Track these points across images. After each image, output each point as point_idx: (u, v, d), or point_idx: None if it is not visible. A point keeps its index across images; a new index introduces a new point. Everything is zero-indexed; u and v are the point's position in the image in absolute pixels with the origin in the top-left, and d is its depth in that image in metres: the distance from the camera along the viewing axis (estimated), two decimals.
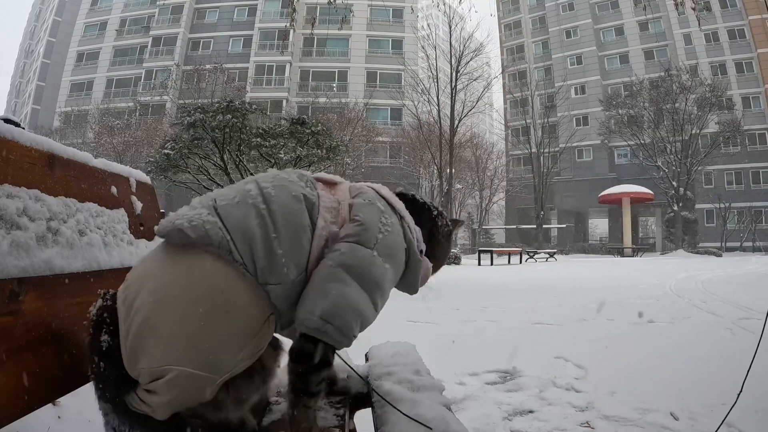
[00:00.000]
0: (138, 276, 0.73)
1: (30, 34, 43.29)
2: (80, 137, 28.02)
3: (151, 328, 0.67)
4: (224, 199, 0.77)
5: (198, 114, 7.12)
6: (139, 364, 0.67)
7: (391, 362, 1.09)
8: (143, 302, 0.69)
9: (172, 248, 0.74)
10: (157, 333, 0.67)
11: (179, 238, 0.72)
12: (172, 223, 0.74)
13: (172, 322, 0.68)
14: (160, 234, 0.75)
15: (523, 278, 8.72)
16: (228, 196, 0.78)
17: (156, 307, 0.68)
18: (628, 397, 2.00)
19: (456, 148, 23.27)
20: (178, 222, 0.73)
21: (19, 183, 0.69)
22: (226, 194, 0.79)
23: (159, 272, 0.72)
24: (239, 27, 33.07)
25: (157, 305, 0.68)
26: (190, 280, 0.70)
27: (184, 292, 0.69)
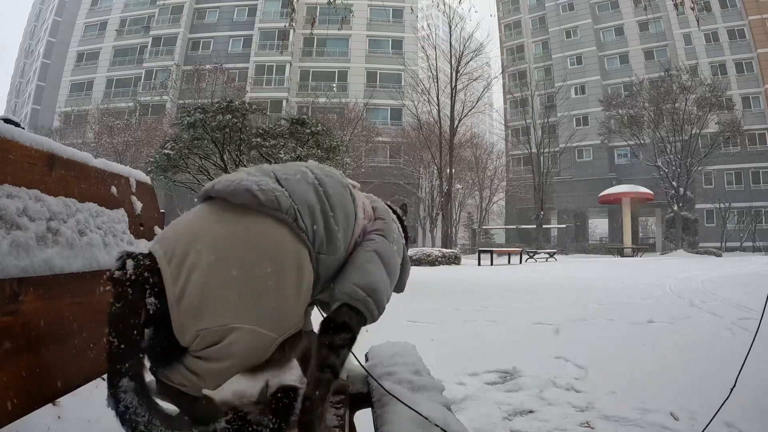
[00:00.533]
0: (184, 233, 0.71)
1: (30, 34, 43.28)
2: (80, 137, 28.02)
3: (215, 286, 0.66)
4: (284, 173, 0.80)
5: (198, 114, 7.12)
6: (199, 325, 0.65)
7: (391, 362, 1.09)
8: (201, 260, 0.67)
9: (227, 208, 0.73)
10: (222, 292, 0.67)
11: (245, 199, 0.72)
12: (238, 183, 0.74)
13: (239, 281, 0.68)
14: (222, 192, 0.74)
15: (523, 278, 8.72)
16: (287, 172, 0.81)
17: (220, 265, 0.67)
18: (628, 397, 2.00)
19: (456, 148, 23.28)
20: (245, 183, 0.73)
21: (19, 183, 0.69)
22: (285, 170, 0.81)
23: (217, 230, 0.71)
24: (239, 27, 33.07)
25: (222, 263, 0.68)
26: (258, 241, 0.71)
27: (251, 251, 0.70)
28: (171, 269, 0.67)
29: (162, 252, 0.69)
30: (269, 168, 0.81)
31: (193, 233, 0.71)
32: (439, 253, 13.38)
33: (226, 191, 0.73)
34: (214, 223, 0.72)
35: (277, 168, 0.81)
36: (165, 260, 0.68)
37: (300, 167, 0.84)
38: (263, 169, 0.80)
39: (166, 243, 0.70)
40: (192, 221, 0.74)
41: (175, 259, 0.67)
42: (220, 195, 0.74)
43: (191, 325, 0.66)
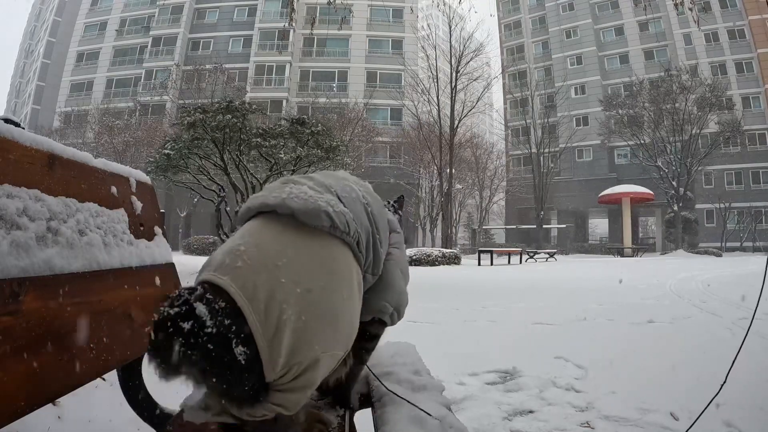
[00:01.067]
0: (259, 262, 0.64)
1: (30, 34, 43.32)
2: (80, 137, 28.06)
3: (306, 321, 0.64)
4: (343, 191, 0.78)
5: (198, 114, 7.12)
6: (291, 361, 0.62)
7: (391, 362, 1.09)
8: (290, 295, 0.63)
9: (295, 227, 0.69)
10: (313, 325, 0.64)
11: (320, 222, 0.70)
12: (314, 202, 0.70)
13: (325, 310, 0.66)
14: (297, 212, 0.69)
15: (523, 278, 8.72)
16: (345, 190, 0.79)
17: (307, 297, 0.65)
18: (628, 397, 2.00)
19: (456, 148, 23.28)
20: (322, 204, 0.71)
21: (19, 183, 0.69)
22: (341, 187, 0.80)
23: (295, 256, 0.67)
24: (239, 27, 33.08)
25: (308, 295, 0.65)
26: (334, 266, 0.70)
27: (331, 279, 0.68)
28: (255, 307, 0.60)
29: (238, 287, 0.61)
30: (327, 182, 0.78)
31: (271, 262, 0.64)
32: (439, 253, 13.38)
33: (302, 210, 0.69)
34: (290, 248, 0.67)
35: (332, 183, 0.79)
36: (245, 298, 0.61)
37: (348, 183, 0.83)
38: (324, 184, 0.77)
39: (239, 275, 0.62)
40: (262, 246, 0.67)
41: (259, 295, 0.61)
42: (292, 213, 0.70)
43: (282, 362, 0.62)
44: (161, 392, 1.14)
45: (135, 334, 0.92)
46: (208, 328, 0.57)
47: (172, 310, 0.58)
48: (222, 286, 0.61)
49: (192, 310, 0.58)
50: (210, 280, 0.63)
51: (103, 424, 1.46)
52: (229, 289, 0.61)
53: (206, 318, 0.57)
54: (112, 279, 0.88)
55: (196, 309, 0.58)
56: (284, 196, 0.71)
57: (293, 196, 0.71)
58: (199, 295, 0.59)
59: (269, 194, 0.73)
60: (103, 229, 0.88)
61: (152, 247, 1.07)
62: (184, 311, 0.58)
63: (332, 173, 0.85)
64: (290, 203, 0.70)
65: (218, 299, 0.60)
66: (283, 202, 0.70)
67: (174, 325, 0.57)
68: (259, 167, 8.28)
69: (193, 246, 19.23)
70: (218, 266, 0.64)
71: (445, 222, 22.03)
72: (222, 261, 0.65)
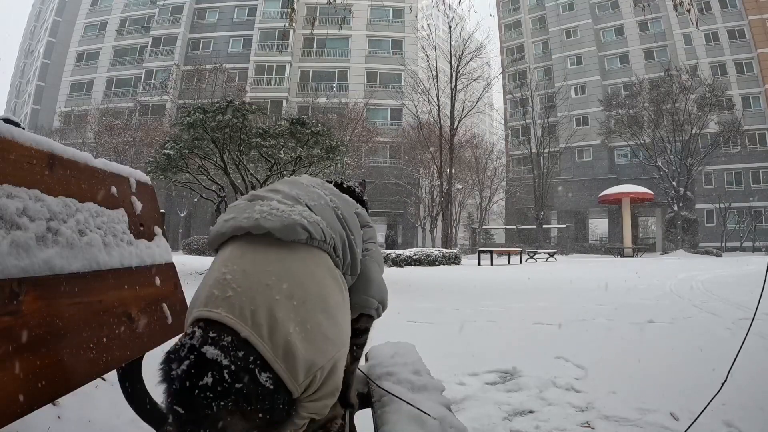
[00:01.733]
0: (250, 285, 0.64)
1: (30, 34, 43.31)
2: (80, 137, 28.06)
3: (312, 327, 0.65)
4: (311, 199, 0.80)
5: (198, 114, 7.11)
6: (315, 367, 0.63)
7: (391, 362, 1.09)
8: (289, 311, 0.63)
9: (275, 245, 0.69)
10: (318, 331, 0.65)
11: (298, 236, 0.70)
12: (288, 217, 0.71)
13: (325, 315, 0.67)
14: (275, 231, 0.69)
15: (523, 278, 8.72)
16: (312, 197, 0.80)
17: (306, 307, 0.66)
18: (628, 397, 2.00)
19: (456, 148, 23.29)
20: (296, 218, 0.71)
21: (19, 183, 0.69)
22: (309, 195, 0.81)
23: (283, 272, 0.67)
24: (239, 27, 33.08)
25: (306, 305, 0.66)
26: (320, 272, 0.71)
27: (320, 286, 0.70)
28: (259, 331, 0.60)
29: (236, 316, 0.60)
30: (294, 193, 0.79)
31: (261, 284, 0.64)
32: (439, 253, 13.38)
33: (277, 228, 0.69)
34: (275, 266, 0.67)
35: (300, 193, 0.79)
36: (247, 326, 0.60)
37: (316, 190, 0.84)
38: (291, 196, 0.77)
39: (232, 304, 0.62)
40: (248, 270, 0.66)
41: (259, 319, 0.61)
42: (267, 232, 0.69)
43: (303, 374, 0.63)
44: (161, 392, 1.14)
45: (135, 334, 0.92)
46: (227, 369, 0.55)
47: (184, 366, 0.55)
48: (219, 321, 0.60)
49: (204, 358, 0.56)
50: (205, 317, 0.61)
51: (103, 424, 1.46)
52: (226, 320, 0.59)
53: (221, 359, 0.56)
54: (112, 279, 0.88)
55: (207, 354, 0.56)
56: (257, 216, 0.70)
57: (265, 214, 0.71)
58: (202, 338, 0.58)
59: (239, 216, 0.72)
60: (103, 229, 0.88)
61: (152, 247, 1.07)
62: (196, 362, 0.56)
63: (296, 180, 0.86)
64: (264, 223, 0.69)
65: (222, 335, 0.58)
66: (257, 222, 0.70)
67: (194, 382, 0.54)
68: (259, 167, 8.28)
69: (193, 246, 19.24)
70: (207, 300, 0.63)
71: (445, 222, 22.04)
72: (210, 294, 0.63)
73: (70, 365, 0.73)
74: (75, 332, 0.75)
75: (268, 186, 0.85)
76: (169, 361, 0.58)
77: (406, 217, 29.29)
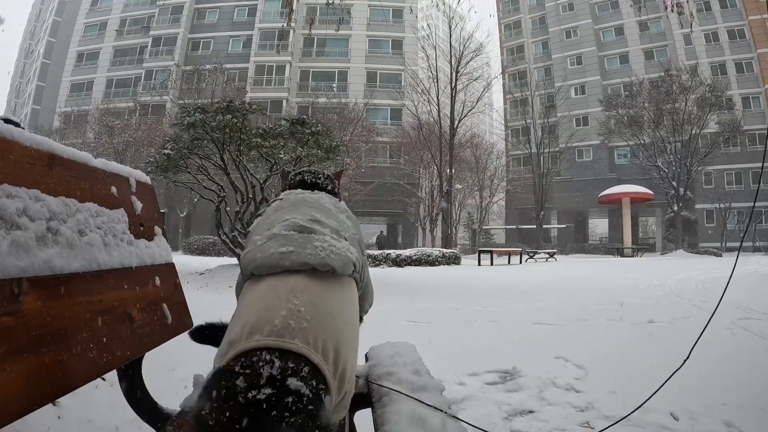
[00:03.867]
0: (320, 319, 0.72)
1: (30, 34, 43.30)
2: (80, 137, 28.03)
3: (353, 350, 0.76)
4: (345, 230, 0.93)
5: (198, 114, 7.10)
6: (348, 386, 0.73)
7: (391, 362, 1.09)
8: (344, 334, 0.74)
9: (330, 280, 0.81)
10: (356, 351, 0.79)
11: (349, 270, 0.84)
12: (346, 256, 0.84)
13: (356, 337, 0.81)
14: (339, 268, 0.82)
15: (523, 278, 8.72)
16: (344, 227, 0.94)
17: (351, 332, 0.78)
18: (628, 397, 2.00)
19: (456, 148, 23.28)
20: (351, 256, 0.85)
21: (19, 183, 0.69)
22: (341, 226, 0.94)
23: (339, 303, 0.79)
24: (239, 27, 33.07)
25: (351, 329, 0.78)
26: (354, 302, 0.87)
27: (356, 313, 0.85)
28: (326, 358, 0.68)
29: (311, 347, 0.68)
30: (333, 224, 0.92)
31: (327, 315, 0.74)
32: (439, 253, 13.38)
33: (339, 267, 0.82)
34: (335, 298, 0.79)
35: (338, 226, 0.93)
36: (319, 355, 0.67)
37: (342, 219, 0.97)
38: (335, 230, 0.91)
39: (307, 335, 0.68)
40: (317, 303, 0.75)
41: (327, 347, 0.69)
42: (333, 269, 0.81)
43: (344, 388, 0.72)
44: (161, 392, 1.14)
45: (135, 334, 0.92)
46: (306, 397, 0.61)
47: (266, 392, 0.59)
48: (298, 352, 0.66)
49: (287, 388, 0.61)
50: (284, 348, 0.66)
51: (103, 424, 1.46)
52: (303, 350, 0.66)
53: (302, 389, 0.61)
54: (112, 279, 0.88)
55: (291, 385, 0.61)
56: (323, 255, 0.81)
57: (328, 252, 0.82)
58: (282, 369, 0.62)
59: (302, 251, 0.81)
60: (103, 229, 0.88)
61: (152, 247, 1.07)
62: (278, 392, 0.60)
63: (323, 206, 0.97)
64: (330, 262, 0.81)
65: (300, 365, 0.64)
66: (324, 261, 0.81)
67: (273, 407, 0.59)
68: (259, 167, 8.27)
69: (193, 246, 19.22)
70: (284, 330, 0.68)
71: (445, 222, 22.04)
72: (287, 324, 0.69)
73: (70, 365, 0.73)
74: (75, 332, 0.75)
75: (306, 214, 0.93)
76: (238, 379, 0.61)
77: (406, 217, 29.28)
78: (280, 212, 0.95)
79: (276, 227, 0.88)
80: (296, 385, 0.61)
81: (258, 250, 0.83)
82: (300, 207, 0.95)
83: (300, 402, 0.60)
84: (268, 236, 0.86)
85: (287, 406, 0.59)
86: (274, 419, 0.58)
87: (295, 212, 0.92)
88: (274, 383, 0.60)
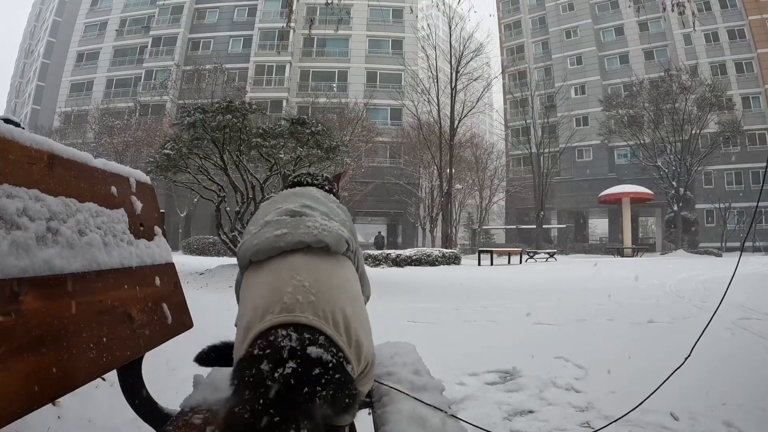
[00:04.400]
0: (326, 292, 0.74)
1: (30, 34, 43.30)
2: (80, 137, 28.03)
3: (362, 320, 0.78)
4: (335, 215, 0.95)
5: (198, 114, 7.09)
6: (369, 356, 0.76)
7: (391, 362, 1.09)
8: (351, 305, 0.76)
9: (327, 256, 0.83)
10: (366, 324, 0.80)
11: (342, 248, 0.86)
12: (338, 233, 0.86)
13: (365, 313, 0.84)
14: (333, 245, 0.83)
15: (523, 278, 8.72)
16: (335, 213, 0.96)
17: (357, 302, 0.81)
18: (628, 397, 2.00)
19: (456, 148, 23.26)
20: (343, 233, 0.87)
21: (19, 183, 0.69)
22: (332, 211, 0.96)
23: (341, 278, 0.82)
24: (239, 27, 33.08)
25: (356, 301, 0.81)
26: (354, 280, 0.88)
27: (357, 289, 0.86)
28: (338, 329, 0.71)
29: (322, 318, 0.70)
30: (323, 209, 0.94)
31: (332, 288, 0.76)
32: (439, 253, 13.38)
33: (333, 243, 0.84)
34: (335, 272, 0.82)
35: (327, 211, 0.94)
36: (330, 326, 0.70)
37: (332, 206, 0.98)
38: (325, 213, 0.93)
39: (317, 308, 0.71)
40: (319, 278, 0.77)
41: (337, 318, 0.72)
42: (326, 245, 0.83)
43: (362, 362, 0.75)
44: (161, 392, 1.14)
45: (135, 334, 0.92)
46: (331, 363, 0.64)
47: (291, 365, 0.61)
48: (311, 325, 0.68)
49: (310, 357, 0.63)
50: (294, 322, 0.68)
51: (103, 424, 1.46)
52: (314, 322, 0.68)
53: (324, 356, 0.64)
54: (112, 279, 0.88)
55: (312, 354, 0.64)
56: (315, 233, 0.83)
57: (321, 230, 0.84)
58: (299, 340, 0.65)
59: (295, 231, 0.83)
60: (103, 229, 0.88)
61: (152, 247, 1.07)
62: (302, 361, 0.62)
63: (312, 194, 0.99)
64: (323, 238, 0.83)
65: (316, 335, 0.67)
66: (317, 237, 0.83)
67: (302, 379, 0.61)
68: (259, 167, 8.27)
69: (193, 246, 19.21)
70: (293, 305, 0.70)
71: (445, 222, 22.03)
72: (295, 300, 0.71)
73: (70, 365, 0.73)
74: (75, 332, 0.75)
75: (297, 201, 0.95)
76: (262, 363, 0.62)
77: (406, 217, 29.28)
78: (272, 204, 0.98)
79: (269, 215, 0.91)
80: (317, 352, 0.63)
81: (254, 237, 0.85)
82: (290, 197, 0.98)
83: (326, 371, 0.62)
84: (262, 224, 0.88)
85: (315, 378, 0.61)
86: (307, 397, 0.59)
87: (285, 201, 0.96)
88: (295, 355, 0.62)
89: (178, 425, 0.85)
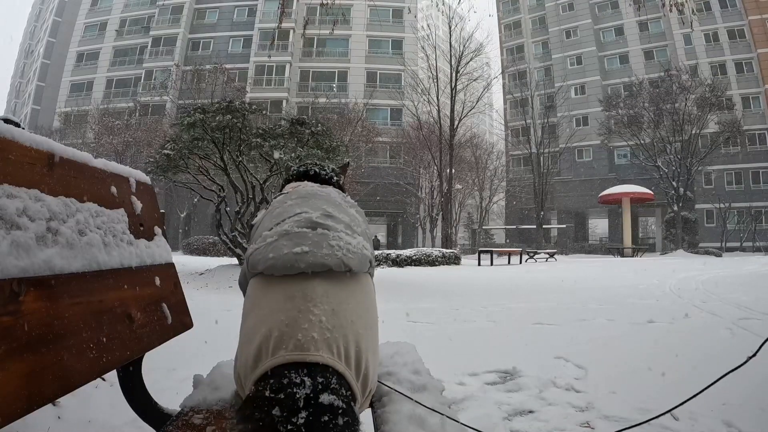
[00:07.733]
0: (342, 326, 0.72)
1: (30, 35, 43.31)
2: (80, 137, 28.02)
3: (375, 351, 0.77)
4: (357, 225, 0.90)
5: (198, 114, 7.09)
6: (373, 386, 0.76)
7: (391, 362, 1.09)
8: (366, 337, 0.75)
9: (349, 280, 0.79)
10: (377, 351, 0.79)
11: (366, 268, 0.83)
12: (362, 254, 0.82)
13: (378, 337, 0.82)
14: (356, 267, 0.79)
15: (523, 278, 8.72)
16: (356, 223, 0.91)
17: (371, 332, 0.78)
18: (628, 397, 2.00)
19: (456, 148, 23.26)
20: (366, 253, 0.84)
21: (19, 183, 0.69)
22: (353, 221, 0.90)
23: (359, 306, 0.78)
24: (239, 27, 33.08)
25: (371, 330, 0.78)
26: (373, 299, 0.86)
27: (375, 311, 0.84)
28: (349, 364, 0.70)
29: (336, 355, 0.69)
30: (346, 219, 0.88)
31: (348, 321, 0.73)
32: (439, 254, 13.37)
33: (356, 265, 0.79)
34: (354, 301, 0.78)
35: (350, 222, 0.89)
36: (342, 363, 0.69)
37: (353, 214, 0.94)
38: (348, 225, 0.87)
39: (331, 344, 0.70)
40: (337, 310, 0.74)
41: (350, 353, 0.71)
42: (350, 269, 0.78)
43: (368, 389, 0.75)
44: (161, 392, 1.14)
45: (135, 334, 0.92)
46: (341, 409, 0.64)
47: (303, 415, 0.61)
48: (324, 363, 0.67)
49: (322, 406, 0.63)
50: (310, 362, 0.67)
51: (103, 424, 1.46)
52: (329, 361, 0.68)
53: (335, 402, 0.64)
54: (112, 279, 0.88)
55: (324, 402, 0.63)
56: (339, 255, 0.78)
57: (345, 251, 0.79)
58: (313, 386, 0.64)
59: (318, 251, 0.77)
60: (103, 229, 0.88)
61: (152, 247, 1.07)
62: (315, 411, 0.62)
63: (332, 199, 0.93)
64: (347, 261, 0.78)
65: (329, 377, 0.66)
66: (341, 261, 0.78)
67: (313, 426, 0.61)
68: (259, 167, 8.27)
69: (193, 246, 19.21)
70: (308, 343, 0.68)
71: (445, 222, 22.02)
72: (310, 337, 0.69)
73: (70, 365, 0.73)
74: (75, 332, 0.75)
75: (318, 208, 0.88)
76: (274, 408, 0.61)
77: (406, 217, 29.28)
78: (289, 205, 0.90)
79: (288, 223, 0.83)
80: (329, 399, 0.63)
81: (270, 248, 0.79)
82: (310, 200, 0.90)
83: (335, 417, 0.62)
84: (280, 233, 0.81)
85: (324, 424, 0.61)
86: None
87: (305, 205, 0.88)
88: (309, 405, 0.62)
89: (178, 425, 0.85)
